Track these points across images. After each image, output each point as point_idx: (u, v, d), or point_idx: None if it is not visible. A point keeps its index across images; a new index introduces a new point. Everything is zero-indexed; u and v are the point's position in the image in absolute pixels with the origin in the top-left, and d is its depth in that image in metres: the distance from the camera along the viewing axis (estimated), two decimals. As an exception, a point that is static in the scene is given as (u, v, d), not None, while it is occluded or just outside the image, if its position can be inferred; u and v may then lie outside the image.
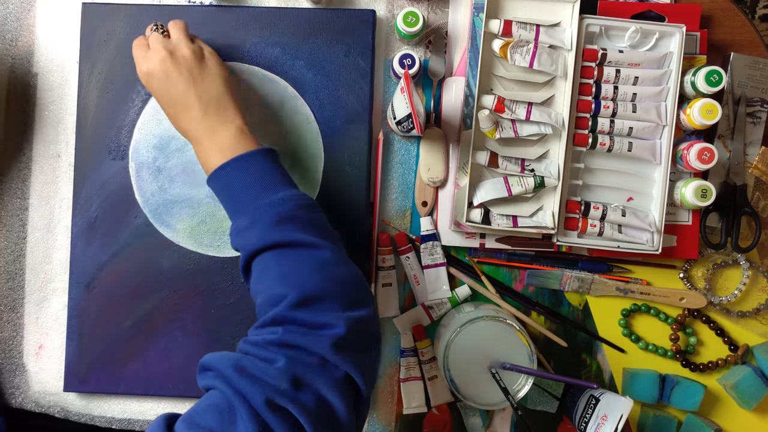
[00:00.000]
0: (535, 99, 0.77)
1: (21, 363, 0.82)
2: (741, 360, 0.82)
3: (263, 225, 0.62)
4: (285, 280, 0.59)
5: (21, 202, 0.83)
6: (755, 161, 0.81)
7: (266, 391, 0.53)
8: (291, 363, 0.55)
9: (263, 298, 0.60)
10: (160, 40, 0.70)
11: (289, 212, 0.63)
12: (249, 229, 0.62)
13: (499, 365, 0.72)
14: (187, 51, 0.69)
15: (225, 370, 0.55)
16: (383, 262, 0.81)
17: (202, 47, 0.72)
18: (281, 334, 0.56)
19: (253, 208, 0.63)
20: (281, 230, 0.61)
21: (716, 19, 0.82)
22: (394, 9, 0.82)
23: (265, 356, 0.55)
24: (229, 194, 0.66)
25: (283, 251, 0.61)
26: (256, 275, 0.62)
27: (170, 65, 0.68)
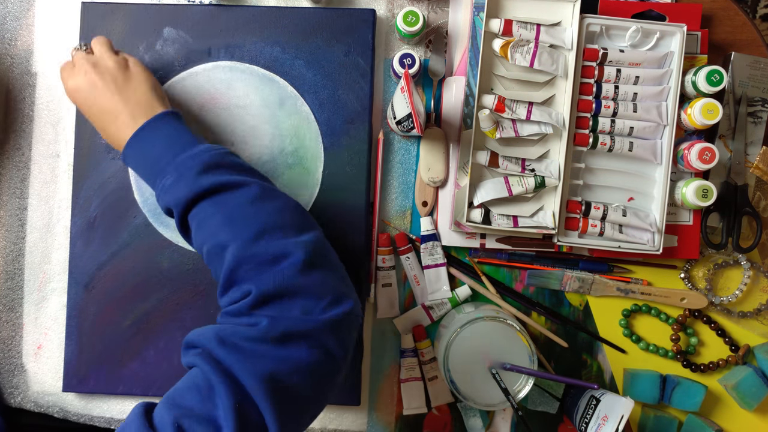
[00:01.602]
0: (535, 99, 0.77)
1: (20, 363, 0.82)
2: (742, 360, 0.82)
3: (190, 176, 0.63)
4: (227, 224, 0.61)
5: (20, 201, 0.82)
6: (756, 161, 0.81)
7: (255, 362, 0.54)
8: (273, 321, 0.55)
9: (209, 246, 0.61)
10: (83, 56, 0.72)
11: (212, 160, 0.64)
12: (177, 184, 0.63)
13: (500, 366, 0.71)
14: (110, 62, 0.71)
15: (208, 344, 0.55)
16: (383, 262, 0.81)
17: (127, 58, 0.72)
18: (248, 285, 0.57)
19: (175, 164, 0.64)
20: (209, 177, 0.63)
21: (717, 19, 0.82)
22: (394, 8, 0.82)
23: (247, 321, 0.56)
24: (148, 158, 0.67)
25: (217, 197, 0.62)
26: (196, 226, 0.63)
27: (94, 76, 0.69)
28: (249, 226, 0.60)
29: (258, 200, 0.62)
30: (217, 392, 0.52)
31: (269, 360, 0.54)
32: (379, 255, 0.81)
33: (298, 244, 0.60)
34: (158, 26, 0.80)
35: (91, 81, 0.70)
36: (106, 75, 0.70)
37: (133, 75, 0.71)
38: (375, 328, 0.82)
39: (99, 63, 0.71)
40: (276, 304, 0.57)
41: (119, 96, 0.69)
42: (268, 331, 0.55)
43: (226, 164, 0.65)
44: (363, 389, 0.81)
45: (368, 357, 0.81)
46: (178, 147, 0.66)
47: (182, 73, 0.81)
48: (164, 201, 0.65)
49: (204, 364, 0.54)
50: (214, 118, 0.80)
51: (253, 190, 0.63)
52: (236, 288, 0.59)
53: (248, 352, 0.54)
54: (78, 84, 0.70)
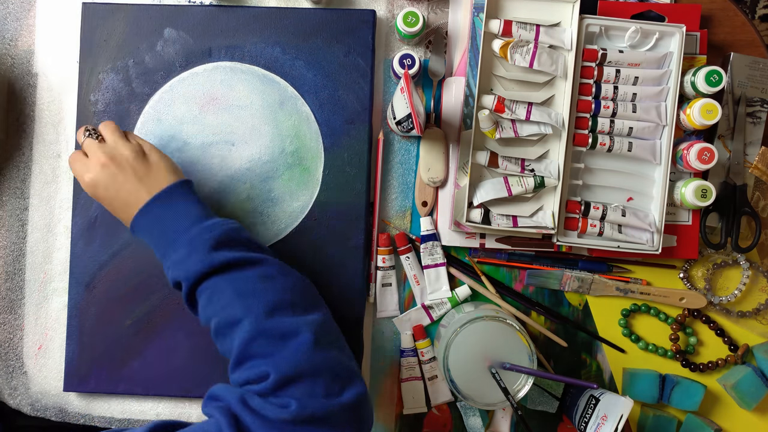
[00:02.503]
0: (535, 99, 0.77)
1: (21, 363, 0.82)
2: (741, 360, 0.82)
3: (203, 251, 0.62)
4: (239, 299, 0.60)
5: (21, 202, 0.83)
6: (755, 161, 0.81)
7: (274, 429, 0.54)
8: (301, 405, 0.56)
9: (219, 320, 0.61)
10: (96, 145, 0.69)
11: (223, 235, 0.64)
12: (188, 258, 0.63)
13: (499, 365, 0.72)
14: (127, 151, 0.68)
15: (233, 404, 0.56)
16: (383, 262, 0.81)
17: (141, 144, 0.70)
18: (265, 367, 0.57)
19: (187, 237, 0.64)
20: (222, 253, 0.63)
21: (716, 19, 0.82)
22: (394, 9, 0.82)
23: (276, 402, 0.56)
24: (159, 230, 0.66)
25: (230, 273, 0.62)
26: (206, 300, 0.63)
27: (114, 169, 0.67)
28: (261, 302, 0.60)
29: (269, 278, 0.62)
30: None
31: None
32: (379, 255, 0.81)
33: (309, 323, 0.60)
34: (159, 27, 0.81)
35: (111, 174, 0.67)
36: (125, 166, 0.67)
37: (151, 162, 0.68)
38: (375, 328, 0.82)
39: (115, 154, 0.68)
40: (297, 386, 0.57)
41: (140, 184, 0.67)
42: (297, 414, 0.55)
43: (237, 240, 0.65)
44: (363, 389, 0.81)
45: (368, 357, 0.82)
46: (189, 220, 0.65)
47: (183, 74, 0.81)
48: (174, 274, 0.64)
49: (222, 418, 0.55)
50: (215, 118, 0.81)
51: (264, 267, 0.63)
52: (250, 364, 0.59)
53: (276, 424, 0.55)
54: (96, 178, 0.67)
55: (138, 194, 0.67)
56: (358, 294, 0.80)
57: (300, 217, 0.80)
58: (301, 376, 0.57)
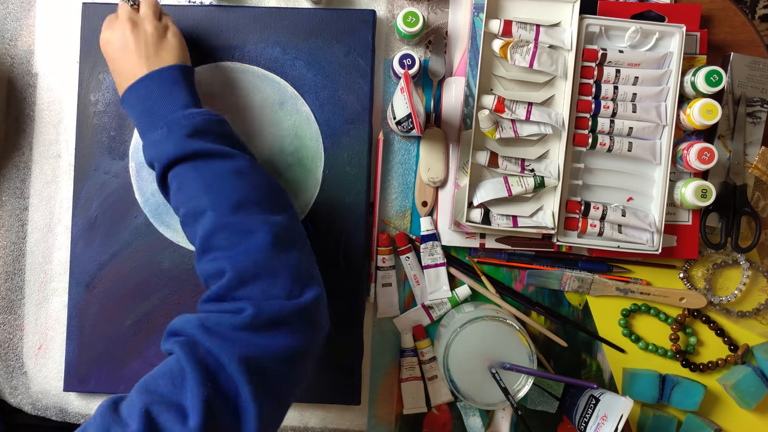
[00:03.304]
0: (535, 99, 0.77)
1: (21, 363, 0.82)
2: (741, 360, 0.82)
3: (179, 135, 0.64)
4: (207, 191, 0.62)
5: (21, 202, 0.83)
6: (755, 161, 0.81)
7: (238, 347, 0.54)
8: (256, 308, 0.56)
9: (186, 209, 0.63)
10: (127, 11, 0.71)
11: (203, 124, 0.65)
12: (165, 140, 0.64)
13: (499, 365, 0.72)
14: (150, 27, 0.70)
15: (193, 331, 0.56)
16: (383, 262, 0.81)
17: (168, 26, 0.72)
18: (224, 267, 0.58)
19: (168, 120, 0.65)
20: (197, 141, 0.64)
21: (716, 19, 0.82)
22: (394, 9, 0.82)
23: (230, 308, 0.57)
24: (144, 107, 0.67)
25: (201, 162, 0.63)
26: (176, 187, 0.64)
27: (129, 36, 0.69)
28: (228, 196, 0.61)
29: (239, 173, 0.63)
30: (188, 379, 0.53)
31: (252, 346, 0.55)
32: (379, 255, 0.81)
33: (273, 223, 0.61)
34: (159, 27, 0.80)
35: (125, 39, 0.69)
36: (140, 38, 0.69)
37: (166, 45, 0.70)
38: (375, 328, 0.82)
39: (139, 24, 0.70)
40: (254, 285, 0.58)
41: (145, 62, 0.68)
42: (253, 319, 0.56)
43: (216, 132, 0.66)
44: (363, 389, 0.81)
45: (368, 357, 0.82)
46: (175, 103, 0.66)
47: (183, 74, 0.81)
48: (149, 154, 0.66)
49: (181, 351, 0.55)
50: (215, 118, 0.81)
51: (236, 162, 0.64)
52: (211, 256, 0.60)
53: (232, 338, 0.55)
54: (111, 38, 0.70)
55: (139, 68, 0.68)
56: (358, 294, 0.80)
57: (300, 217, 0.80)
58: (259, 275, 0.58)
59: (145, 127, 0.67)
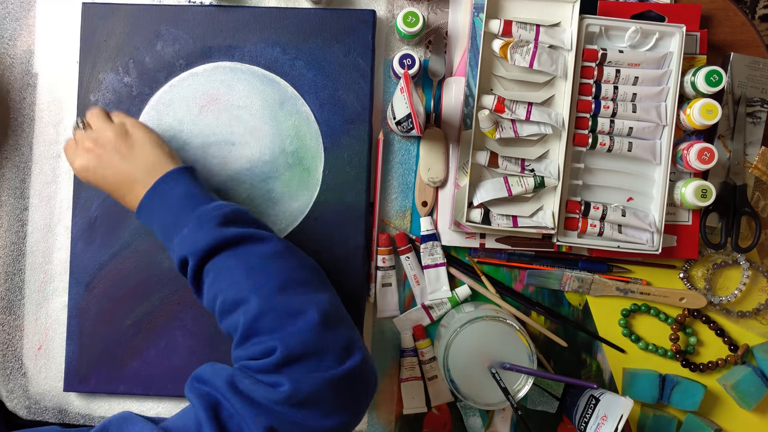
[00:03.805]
0: (535, 99, 0.77)
1: (20, 363, 0.82)
2: (741, 360, 0.82)
3: (211, 226, 0.63)
4: (249, 276, 0.60)
5: (21, 202, 0.83)
6: (755, 161, 0.81)
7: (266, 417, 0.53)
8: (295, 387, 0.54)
9: (226, 296, 0.61)
10: (82, 134, 0.71)
11: (232, 213, 0.64)
12: (196, 233, 0.63)
13: (499, 365, 0.72)
14: (109, 133, 0.70)
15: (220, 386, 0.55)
16: (383, 262, 0.81)
17: (124, 122, 0.71)
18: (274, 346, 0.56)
19: (195, 215, 0.64)
20: (231, 228, 0.63)
21: (716, 19, 0.82)
22: (394, 9, 0.82)
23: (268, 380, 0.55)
24: (167, 209, 0.66)
25: (238, 248, 0.62)
26: (213, 277, 0.62)
27: (98, 151, 0.69)
28: (271, 279, 0.60)
29: (279, 255, 0.62)
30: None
31: (284, 420, 0.54)
32: (379, 255, 0.81)
33: (318, 302, 0.59)
34: (158, 27, 0.81)
35: (96, 157, 0.69)
36: (108, 147, 0.69)
37: (134, 139, 0.70)
38: (375, 328, 0.82)
39: (98, 137, 0.70)
40: (302, 364, 0.56)
41: (127, 164, 0.68)
42: (290, 396, 0.54)
43: (246, 219, 0.65)
44: (363, 389, 0.81)
45: (368, 357, 0.82)
46: (196, 201, 0.65)
47: (183, 74, 0.81)
48: (181, 251, 0.64)
49: (201, 408, 0.54)
50: (215, 118, 0.81)
51: (273, 244, 0.63)
52: (257, 340, 0.58)
53: (264, 407, 0.54)
54: (84, 163, 0.70)
55: (126, 174, 0.68)
56: (358, 294, 0.80)
57: (300, 217, 0.80)
58: (308, 354, 0.56)
59: (170, 229, 0.65)
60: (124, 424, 0.53)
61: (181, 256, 0.64)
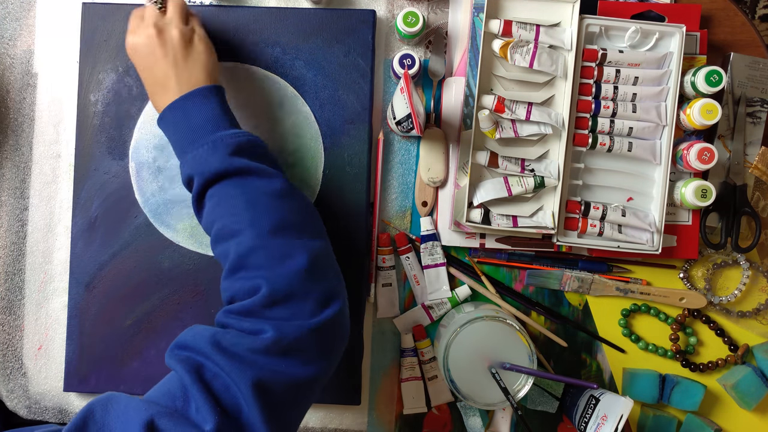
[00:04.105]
0: (535, 99, 0.77)
1: (21, 363, 0.82)
2: (741, 360, 0.82)
3: (224, 153, 0.63)
4: (249, 208, 0.61)
5: (21, 202, 0.83)
6: (755, 161, 0.81)
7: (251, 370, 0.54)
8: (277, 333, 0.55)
9: (223, 224, 0.62)
10: (154, 14, 0.70)
11: (247, 143, 0.65)
12: (208, 156, 0.64)
13: (499, 365, 0.72)
14: (176, 32, 0.69)
15: (204, 348, 0.55)
16: (383, 262, 0.81)
17: (195, 29, 0.71)
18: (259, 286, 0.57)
19: (213, 138, 0.64)
20: (242, 159, 0.64)
21: (716, 19, 0.82)
22: (394, 9, 0.82)
23: (250, 327, 0.56)
24: (186, 125, 0.66)
25: (244, 179, 0.63)
26: (216, 202, 0.63)
27: (156, 43, 0.68)
28: (269, 216, 0.61)
29: (281, 194, 0.63)
30: (192, 400, 0.52)
31: (267, 371, 0.55)
32: (379, 255, 0.81)
33: (311, 248, 0.61)
34: (159, 27, 0.80)
35: (151, 46, 0.68)
36: (167, 45, 0.68)
37: (193, 51, 0.69)
38: (375, 328, 0.82)
39: (165, 30, 0.69)
40: (285, 307, 0.57)
41: (174, 69, 0.68)
42: (273, 343, 0.55)
43: (258, 153, 0.66)
44: (363, 389, 0.81)
45: (368, 357, 0.82)
46: (216, 123, 0.66)
47: (183, 74, 0.81)
48: (190, 168, 0.65)
49: (184, 371, 0.54)
50: (215, 118, 0.80)
51: (278, 183, 0.64)
52: (245, 274, 0.59)
53: (248, 361, 0.54)
54: (137, 43, 0.69)
55: (167, 77, 0.68)
56: (358, 294, 0.80)
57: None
58: (292, 298, 0.58)
59: (186, 144, 0.66)
60: (108, 404, 0.52)
61: (187, 174, 0.65)
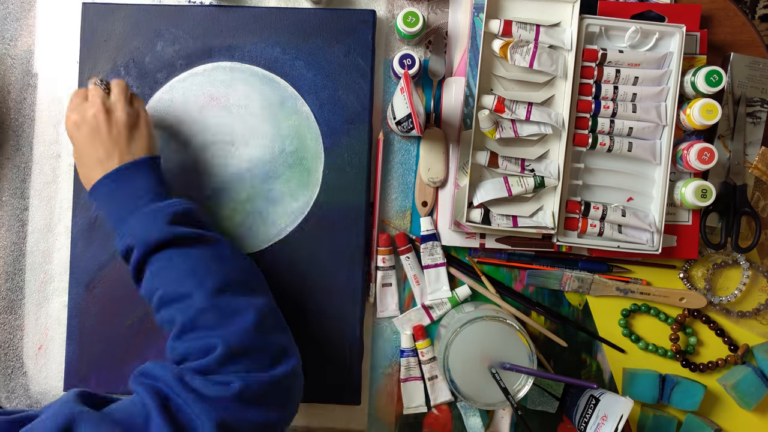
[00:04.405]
0: (535, 99, 0.77)
1: (21, 363, 0.82)
2: (741, 360, 0.82)
3: (162, 222, 0.64)
4: (191, 275, 0.63)
5: (21, 202, 0.83)
6: (755, 161, 0.81)
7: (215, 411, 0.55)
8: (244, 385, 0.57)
9: (167, 291, 0.63)
10: (100, 95, 0.70)
11: (184, 211, 0.66)
12: (147, 226, 0.64)
13: (499, 365, 0.72)
14: (123, 114, 0.69)
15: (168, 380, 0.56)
16: (383, 262, 0.81)
17: (140, 113, 0.71)
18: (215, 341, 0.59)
19: (150, 208, 0.65)
20: (179, 227, 0.65)
21: (716, 19, 0.82)
22: (394, 9, 0.82)
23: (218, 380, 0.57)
24: (120, 197, 0.67)
25: (184, 248, 0.64)
26: (156, 270, 0.64)
27: (102, 122, 0.69)
28: (214, 278, 0.62)
29: (222, 258, 0.65)
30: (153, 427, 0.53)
31: (233, 414, 0.56)
32: (379, 255, 0.81)
33: (256, 305, 0.62)
34: (159, 27, 0.81)
35: (97, 126, 0.69)
36: (113, 127, 0.69)
37: (138, 135, 0.70)
38: (375, 328, 0.82)
39: (112, 110, 0.69)
40: (241, 362, 0.59)
41: (116, 147, 0.68)
42: (238, 393, 0.56)
43: (195, 219, 0.67)
44: (363, 389, 0.81)
45: (368, 357, 0.82)
46: (151, 194, 0.67)
47: (183, 74, 0.81)
48: (129, 239, 0.65)
49: (149, 398, 0.55)
50: (215, 118, 0.81)
51: (218, 247, 0.66)
52: (196, 335, 0.60)
53: (214, 401, 0.55)
54: (82, 123, 0.69)
55: (109, 155, 0.68)
56: (358, 294, 0.80)
57: (300, 217, 0.80)
58: (247, 353, 0.59)
59: (121, 215, 0.66)
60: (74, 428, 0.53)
61: (129, 245, 0.65)
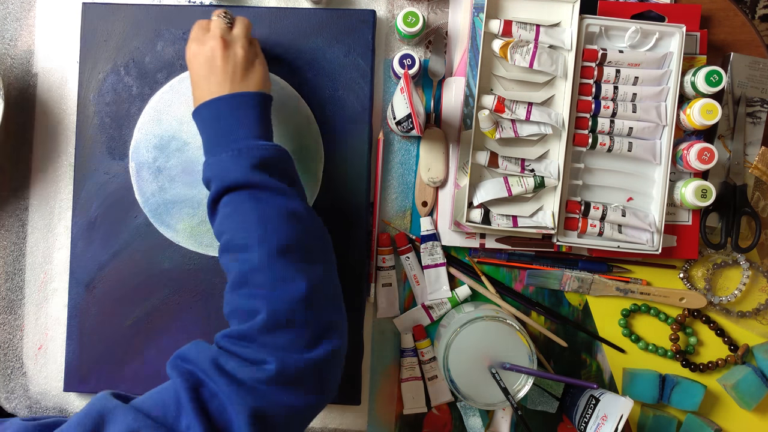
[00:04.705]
0: (535, 99, 0.77)
1: (21, 363, 0.82)
2: (741, 360, 0.82)
3: (246, 164, 0.63)
4: (260, 225, 0.61)
5: (21, 202, 0.83)
6: (755, 161, 0.81)
7: (250, 397, 0.54)
8: (280, 365, 0.55)
9: (232, 236, 0.62)
10: (221, 27, 0.69)
11: (271, 159, 0.64)
12: (231, 163, 0.63)
13: (499, 365, 0.72)
14: (241, 51, 0.68)
15: (203, 365, 0.55)
16: (383, 262, 0.81)
17: (257, 53, 0.71)
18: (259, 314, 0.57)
19: (240, 145, 0.64)
20: (262, 173, 0.63)
21: (716, 19, 0.82)
22: (394, 9, 0.82)
23: (253, 356, 0.56)
24: (218, 126, 0.66)
25: (260, 194, 0.62)
26: (229, 212, 0.63)
27: (219, 56, 0.67)
28: (279, 236, 0.60)
29: (294, 215, 0.62)
30: (184, 415, 0.53)
31: (267, 401, 0.55)
32: (379, 255, 0.81)
33: (314, 275, 0.60)
34: (159, 27, 0.81)
35: (213, 58, 0.67)
36: (229, 61, 0.67)
37: (253, 73, 0.69)
38: (375, 328, 0.82)
39: (230, 46, 0.68)
40: (282, 334, 0.57)
41: (230, 84, 0.67)
42: (276, 376, 0.55)
43: (281, 169, 0.65)
44: (363, 389, 0.81)
45: (368, 357, 0.82)
46: (249, 131, 0.66)
47: (183, 74, 0.81)
48: (210, 172, 0.65)
49: (181, 382, 0.54)
50: (215, 118, 0.80)
51: (293, 203, 0.63)
52: (247, 292, 0.59)
53: (248, 388, 0.54)
54: (200, 52, 0.68)
55: (221, 89, 0.67)
56: (358, 294, 0.80)
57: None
58: (290, 325, 0.57)
59: (213, 145, 0.66)
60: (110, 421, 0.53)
61: (207, 176, 0.65)
